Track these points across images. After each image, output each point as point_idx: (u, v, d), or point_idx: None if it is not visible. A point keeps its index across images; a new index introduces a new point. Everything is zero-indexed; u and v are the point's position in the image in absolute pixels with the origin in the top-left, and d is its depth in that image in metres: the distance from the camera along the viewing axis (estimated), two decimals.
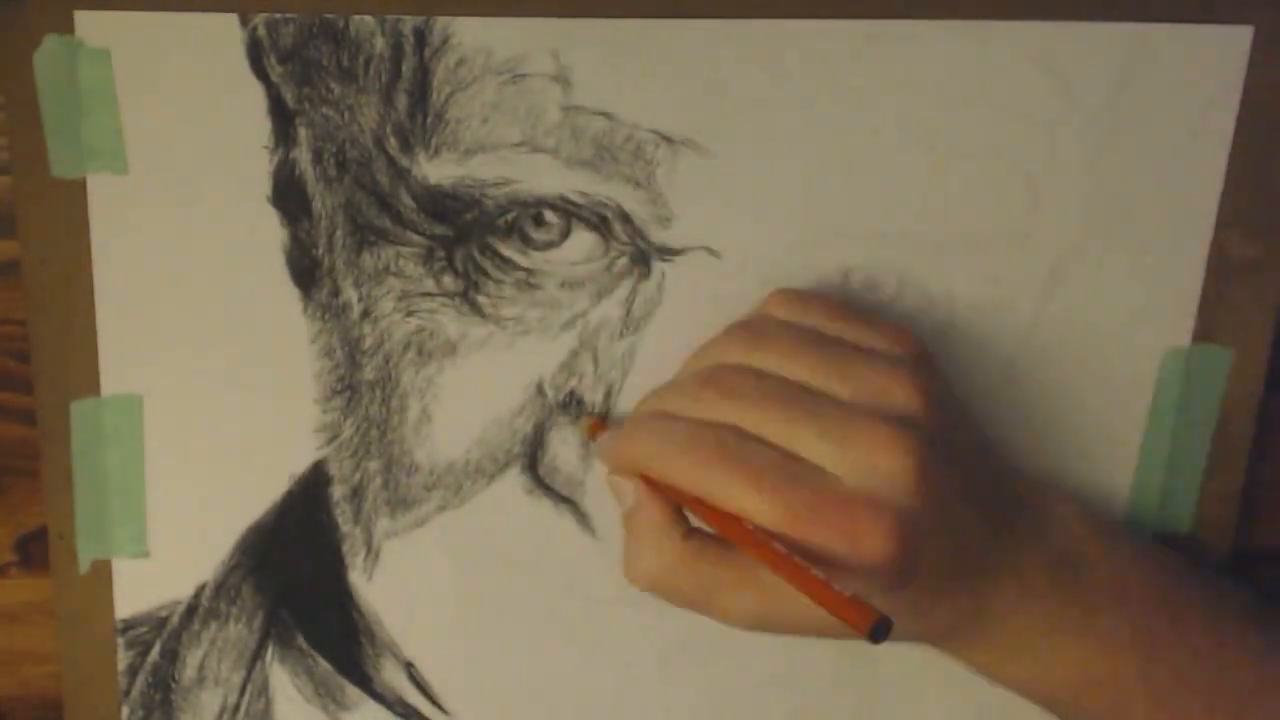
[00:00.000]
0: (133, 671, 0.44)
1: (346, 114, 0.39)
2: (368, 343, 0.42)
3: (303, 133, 0.39)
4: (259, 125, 0.39)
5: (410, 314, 0.41)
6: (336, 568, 0.44)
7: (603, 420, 0.42)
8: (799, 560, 0.33)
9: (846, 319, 0.39)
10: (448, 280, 0.41)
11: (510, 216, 0.40)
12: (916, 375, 0.37)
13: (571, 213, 0.40)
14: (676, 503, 0.37)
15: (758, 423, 0.36)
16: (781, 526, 0.34)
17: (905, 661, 0.45)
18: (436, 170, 0.40)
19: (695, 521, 0.37)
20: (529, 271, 0.41)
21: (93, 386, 0.41)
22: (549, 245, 0.41)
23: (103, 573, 0.43)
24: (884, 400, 0.36)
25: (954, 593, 0.38)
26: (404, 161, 0.40)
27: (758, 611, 0.36)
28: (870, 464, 0.35)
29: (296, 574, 0.44)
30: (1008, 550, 0.39)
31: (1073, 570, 0.40)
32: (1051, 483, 0.42)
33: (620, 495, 0.38)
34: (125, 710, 0.44)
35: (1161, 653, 0.40)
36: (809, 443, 0.35)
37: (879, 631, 0.31)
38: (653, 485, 0.37)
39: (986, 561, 0.38)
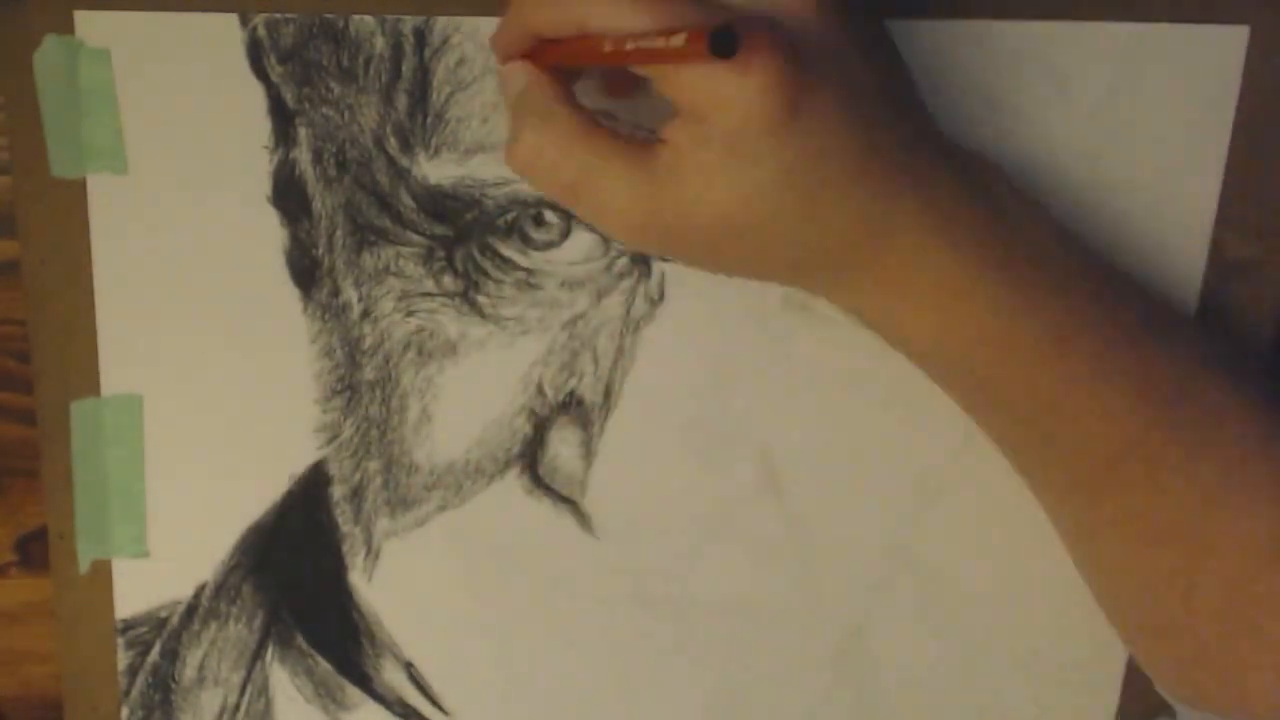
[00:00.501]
0: (133, 671, 0.44)
1: (346, 114, 0.39)
2: (368, 343, 0.42)
3: (303, 133, 0.39)
4: (259, 125, 0.39)
5: (410, 314, 0.41)
6: (336, 568, 0.44)
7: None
8: (636, 43, 0.31)
9: None
10: (448, 280, 0.41)
11: (510, 216, 0.40)
12: None
13: (571, 213, 0.40)
14: (566, 63, 0.35)
15: None
16: (650, 28, 0.31)
17: (905, 661, 0.45)
18: (436, 170, 0.40)
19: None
20: (529, 271, 0.41)
21: (93, 386, 0.41)
22: (549, 245, 0.41)
23: (103, 573, 0.43)
24: None
25: (854, 190, 0.33)
26: (404, 161, 0.40)
27: (645, 199, 0.33)
28: None
29: (296, 574, 0.44)
30: (921, 159, 0.35)
31: (992, 211, 0.36)
32: None
33: (508, 83, 0.36)
34: (125, 710, 0.44)
35: (1085, 321, 0.36)
36: None
37: (720, 40, 0.29)
38: (541, 66, 0.35)
39: (894, 160, 0.34)
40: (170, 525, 0.43)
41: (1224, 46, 0.40)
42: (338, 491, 0.43)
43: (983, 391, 0.37)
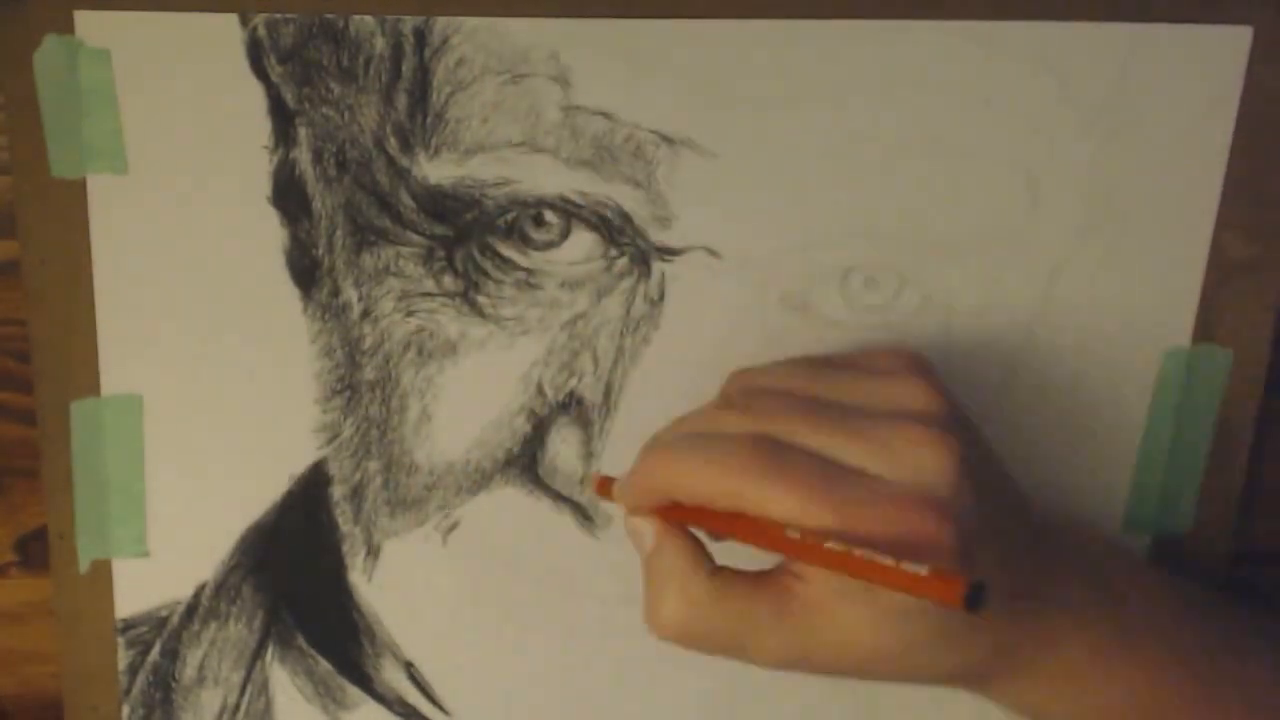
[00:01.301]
0: (133, 671, 0.44)
1: (346, 114, 0.39)
2: (368, 343, 0.42)
3: (303, 133, 0.39)
4: (259, 125, 0.39)
5: (410, 314, 0.41)
6: (336, 568, 0.44)
7: (608, 478, 0.39)
8: (860, 550, 0.31)
9: (835, 359, 0.39)
10: (448, 280, 0.41)
11: (510, 216, 0.40)
12: (930, 379, 0.36)
13: (571, 213, 0.40)
14: (706, 529, 0.36)
15: (789, 432, 0.34)
16: (832, 529, 0.32)
17: None
18: (436, 170, 0.40)
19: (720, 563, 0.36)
20: (529, 271, 0.41)
21: (93, 386, 0.41)
22: (549, 245, 0.41)
23: (103, 573, 0.43)
24: (907, 406, 0.35)
25: (1004, 615, 0.35)
26: (404, 161, 0.40)
27: (796, 647, 0.34)
28: (912, 462, 0.33)
29: (296, 574, 0.44)
30: (1054, 571, 0.37)
31: (1113, 597, 0.38)
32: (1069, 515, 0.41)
33: (638, 539, 0.36)
34: (125, 710, 0.44)
35: (1197, 677, 0.39)
36: (845, 447, 0.34)
37: (975, 597, 0.29)
38: (672, 523, 0.36)
39: (1033, 581, 0.36)
40: (170, 525, 0.43)
41: (1226, 47, 0.40)
42: (338, 491, 0.43)
43: None
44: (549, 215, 0.40)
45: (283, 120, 0.39)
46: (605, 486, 0.38)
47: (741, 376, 0.39)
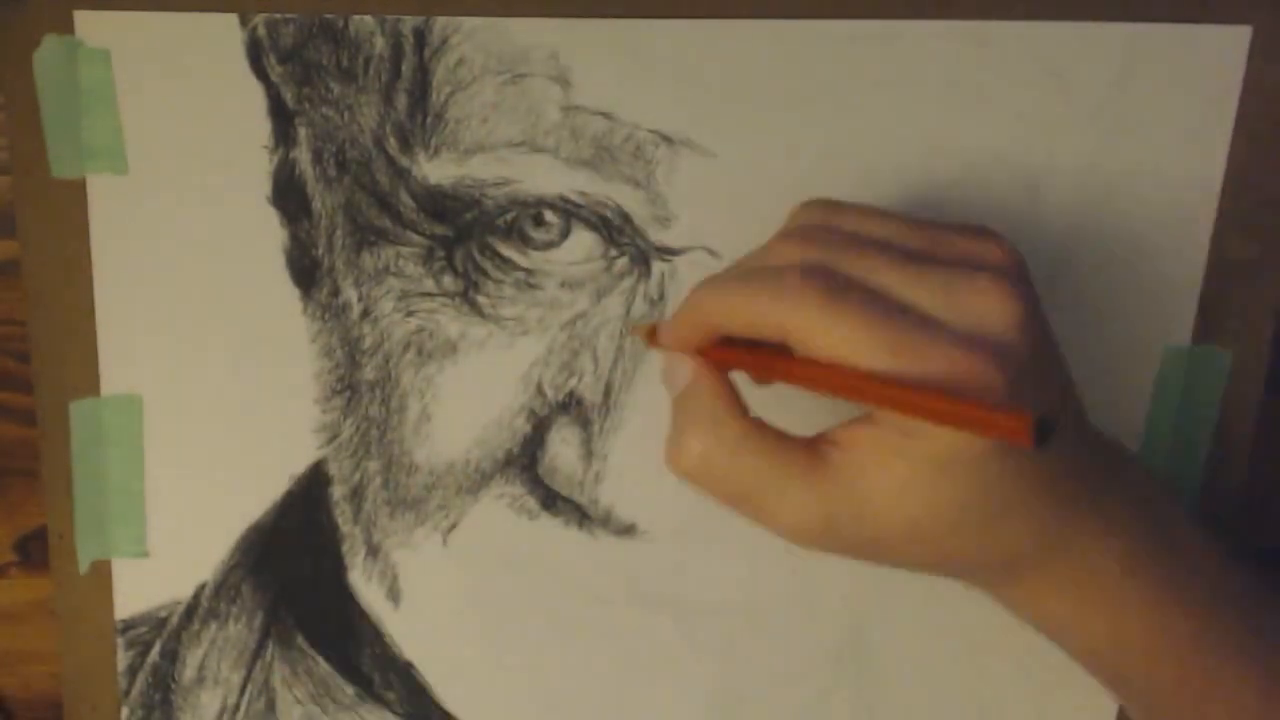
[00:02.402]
0: (133, 671, 0.44)
1: (346, 114, 0.39)
2: (368, 343, 0.42)
3: (303, 133, 0.39)
4: (259, 125, 0.39)
5: (410, 314, 0.41)
6: (336, 568, 0.44)
7: (655, 324, 0.37)
8: (920, 389, 0.29)
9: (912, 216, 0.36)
10: (448, 280, 0.41)
11: (510, 216, 0.40)
12: (1003, 241, 0.34)
13: (571, 213, 0.40)
14: (749, 372, 0.34)
15: (847, 265, 0.32)
16: (883, 368, 0.31)
17: (905, 661, 0.45)
18: (436, 170, 0.40)
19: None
20: (529, 271, 0.41)
21: (93, 386, 0.41)
22: (549, 245, 0.41)
23: (103, 573, 0.43)
24: (978, 258, 0.33)
25: (1045, 497, 0.33)
26: (404, 161, 0.40)
27: (819, 510, 0.32)
28: (976, 309, 0.32)
29: (296, 574, 0.44)
30: (1099, 471, 0.35)
31: (1156, 522, 0.36)
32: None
33: (672, 377, 0.35)
34: (125, 710, 0.44)
35: (1224, 620, 0.36)
36: (906, 286, 0.32)
37: (1044, 430, 0.28)
38: (712, 364, 0.34)
39: (1075, 468, 0.34)
40: (170, 525, 0.43)
41: (1225, 46, 0.40)
42: (337, 491, 0.43)
43: (1130, 683, 0.38)
44: (549, 215, 0.40)
45: (283, 120, 0.39)
46: (652, 333, 0.37)
47: (810, 207, 0.36)
